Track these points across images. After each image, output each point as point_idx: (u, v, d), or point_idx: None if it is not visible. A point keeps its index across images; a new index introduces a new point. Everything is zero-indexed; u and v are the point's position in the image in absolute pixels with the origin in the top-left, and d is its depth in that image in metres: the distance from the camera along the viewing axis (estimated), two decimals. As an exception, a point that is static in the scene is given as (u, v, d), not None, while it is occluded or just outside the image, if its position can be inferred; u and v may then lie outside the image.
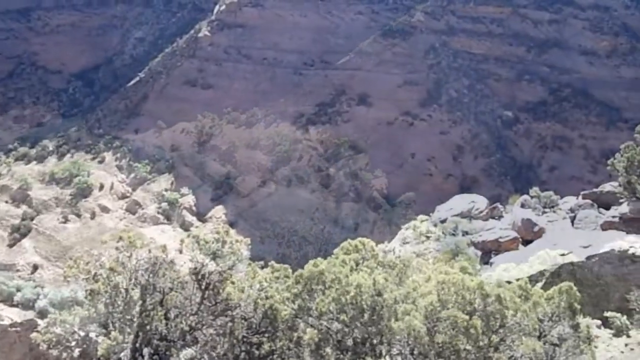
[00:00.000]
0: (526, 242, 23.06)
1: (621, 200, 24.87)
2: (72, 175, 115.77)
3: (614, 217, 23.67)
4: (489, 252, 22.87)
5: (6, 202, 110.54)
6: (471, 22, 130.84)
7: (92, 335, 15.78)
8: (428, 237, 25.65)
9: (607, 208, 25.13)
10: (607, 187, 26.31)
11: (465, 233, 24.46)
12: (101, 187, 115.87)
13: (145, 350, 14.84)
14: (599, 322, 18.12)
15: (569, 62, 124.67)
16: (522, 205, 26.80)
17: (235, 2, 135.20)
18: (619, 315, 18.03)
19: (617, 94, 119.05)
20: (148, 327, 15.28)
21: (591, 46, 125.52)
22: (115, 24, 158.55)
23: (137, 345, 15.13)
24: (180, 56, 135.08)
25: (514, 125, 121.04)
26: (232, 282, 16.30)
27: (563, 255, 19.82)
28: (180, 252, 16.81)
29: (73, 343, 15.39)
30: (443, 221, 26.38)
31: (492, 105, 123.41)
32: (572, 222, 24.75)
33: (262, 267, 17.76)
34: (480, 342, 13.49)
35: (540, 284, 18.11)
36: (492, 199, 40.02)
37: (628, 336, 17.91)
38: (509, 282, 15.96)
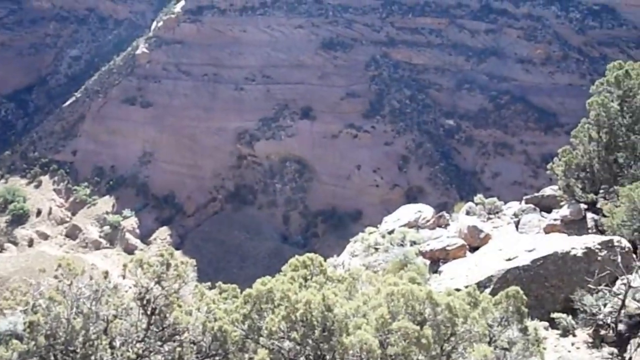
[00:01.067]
0: (473, 249, 23.33)
1: (562, 203, 25.47)
2: (6, 202, 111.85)
3: (555, 220, 24.22)
4: (437, 260, 23.02)
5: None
6: (410, 33, 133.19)
7: (33, 369, 15.01)
8: (376, 249, 25.61)
9: (549, 211, 25.71)
10: (548, 190, 26.93)
11: (413, 243, 24.54)
12: (38, 212, 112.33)
13: (90, 382, 14.29)
14: (546, 323, 18.42)
15: (507, 70, 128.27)
16: (468, 213, 27.13)
17: (173, 18, 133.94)
18: (564, 315, 18.39)
19: (553, 100, 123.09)
20: (92, 358, 14.67)
21: (527, 54, 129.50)
22: (48, 42, 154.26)
23: (81, 377, 14.51)
24: (118, 74, 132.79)
25: (457, 133, 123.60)
26: (179, 306, 15.83)
27: (509, 260, 20.08)
28: (124, 277, 16.33)
29: (12, 379, 14.62)
30: (391, 232, 26.42)
31: (434, 115, 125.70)
32: (517, 226, 25.22)
33: (210, 288, 17.35)
34: (433, 351, 13.48)
35: (488, 290, 18.30)
36: (439, 207, 40.47)
37: (574, 335, 18.27)
38: (458, 290, 16.04)
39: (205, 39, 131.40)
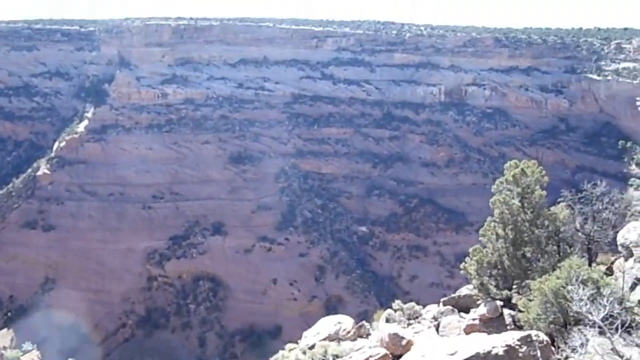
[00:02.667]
0: (396, 357, 22.21)
1: (478, 302, 25.23)
2: None
3: (474, 319, 23.72)
4: (360, 373, 21.66)
5: None
6: (317, 144, 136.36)
7: None
8: (298, 366, 24.06)
9: (467, 311, 25.30)
10: (464, 290, 26.66)
11: (336, 357, 23.30)
12: None
13: None
14: None
15: (413, 174, 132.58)
16: (387, 320, 26.26)
17: (76, 137, 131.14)
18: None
19: (459, 200, 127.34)
20: None
21: (430, 157, 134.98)
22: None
23: None
24: (17, 197, 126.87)
25: (370, 239, 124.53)
26: None
27: (432, 366, 18.98)
28: None
29: None
30: (311, 347, 25.10)
31: (346, 223, 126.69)
32: (437, 330, 24.49)
33: None
34: None
35: (414, 402, 17.03)
36: (359, 316, 39.47)
37: None
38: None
39: (111, 157, 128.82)
